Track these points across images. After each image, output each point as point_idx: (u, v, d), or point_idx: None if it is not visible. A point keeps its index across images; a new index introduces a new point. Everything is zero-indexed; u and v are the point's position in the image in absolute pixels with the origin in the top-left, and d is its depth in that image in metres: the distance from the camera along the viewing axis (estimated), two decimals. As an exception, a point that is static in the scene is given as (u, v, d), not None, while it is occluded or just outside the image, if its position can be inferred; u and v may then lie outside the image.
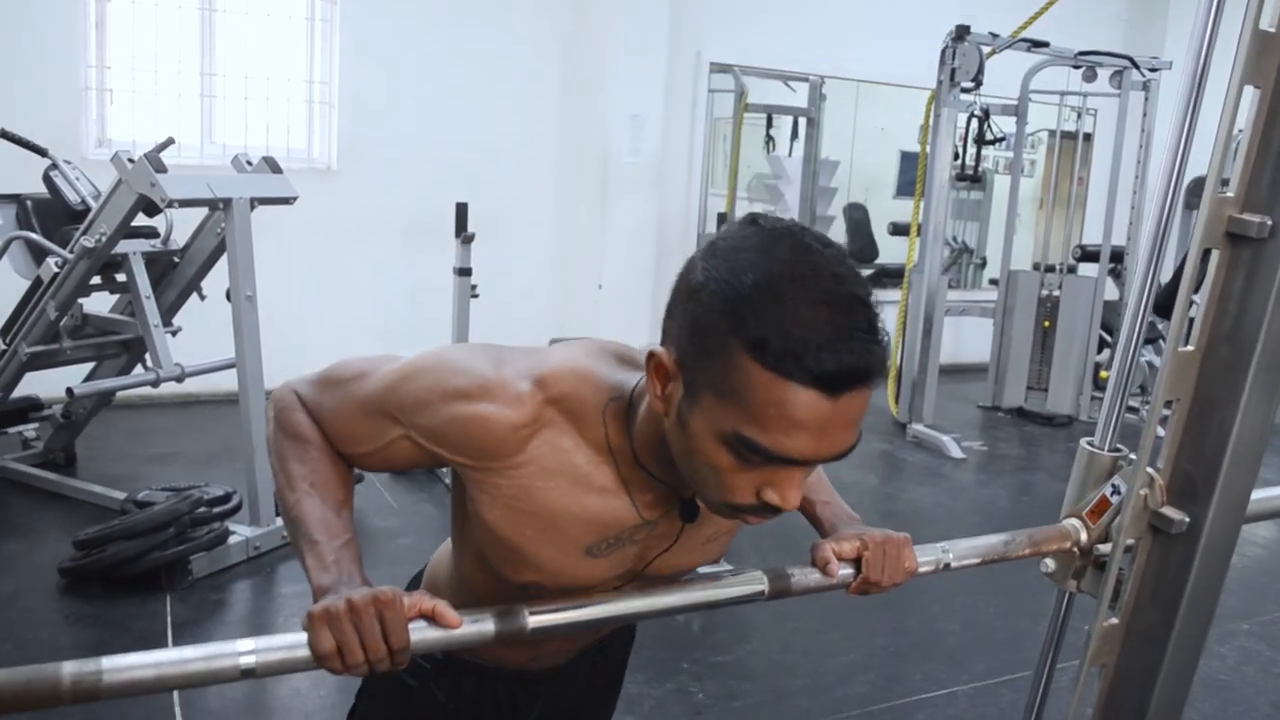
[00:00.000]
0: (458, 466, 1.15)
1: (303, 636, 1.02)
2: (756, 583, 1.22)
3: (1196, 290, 1.32)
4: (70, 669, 0.94)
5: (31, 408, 4.56)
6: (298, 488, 1.16)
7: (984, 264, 8.92)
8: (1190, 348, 1.35)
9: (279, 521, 3.87)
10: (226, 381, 4.40)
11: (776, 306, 0.94)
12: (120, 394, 4.96)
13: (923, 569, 1.33)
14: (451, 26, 6.18)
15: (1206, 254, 1.32)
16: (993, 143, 6.73)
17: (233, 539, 3.72)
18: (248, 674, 0.99)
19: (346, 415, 1.19)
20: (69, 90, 5.42)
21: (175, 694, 2.89)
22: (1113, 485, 1.43)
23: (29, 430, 4.68)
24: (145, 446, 5.06)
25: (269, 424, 1.24)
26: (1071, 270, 6.91)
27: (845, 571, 1.26)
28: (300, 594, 3.46)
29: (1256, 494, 1.50)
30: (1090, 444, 1.48)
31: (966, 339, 7.96)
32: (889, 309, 7.28)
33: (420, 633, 1.05)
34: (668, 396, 1.04)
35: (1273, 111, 1.27)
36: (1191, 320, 1.34)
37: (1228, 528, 1.38)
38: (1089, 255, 6.84)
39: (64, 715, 2.61)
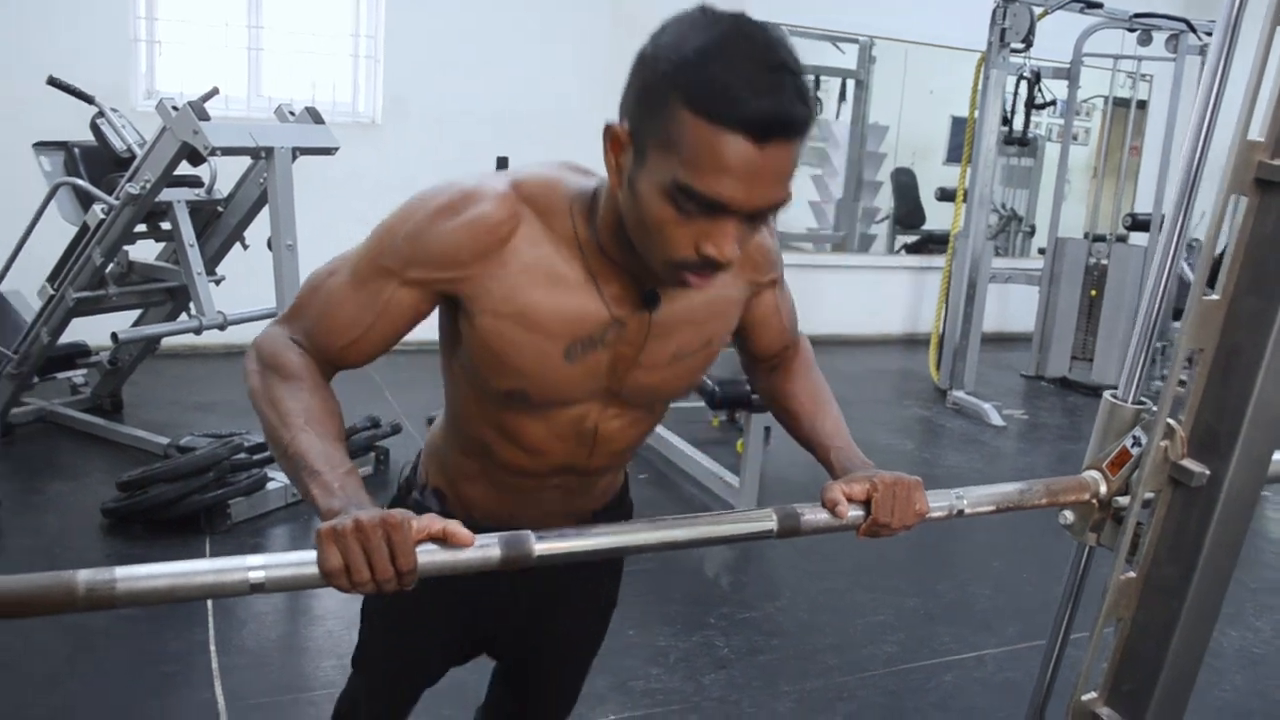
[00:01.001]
0: (452, 286, 1.22)
1: (311, 554, 1.04)
2: (766, 520, 1.22)
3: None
4: (85, 576, 0.97)
5: (80, 354, 4.64)
6: (292, 424, 1.16)
7: (1033, 232, 8.80)
8: (1215, 296, 1.33)
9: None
10: (269, 332, 4.46)
11: (714, 64, 1.04)
12: (166, 343, 5.04)
13: (935, 514, 1.33)
14: (497, -18, 6.17)
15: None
16: (1042, 107, 6.61)
17: (271, 485, 3.78)
18: (257, 588, 1.01)
19: (336, 302, 1.25)
20: (119, 42, 5.48)
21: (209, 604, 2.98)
22: (1133, 437, 1.42)
23: (77, 376, 4.77)
24: (189, 394, 5.14)
25: (252, 375, 1.23)
26: (1121, 239, 6.80)
27: (855, 513, 1.27)
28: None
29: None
30: (1113, 395, 1.47)
31: (1013, 307, 7.88)
32: (933, 275, 7.23)
33: (429, 555, 1.07)
34: (621, 167, 1.15)
35: (1307, 54, 1.24)
36: (1217, 267, 1.32)
37: (1249, 483, 1.36)
38: (1139, 224, 6.72)
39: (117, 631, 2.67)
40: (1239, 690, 3.02)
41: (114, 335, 3.91)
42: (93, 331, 4.54)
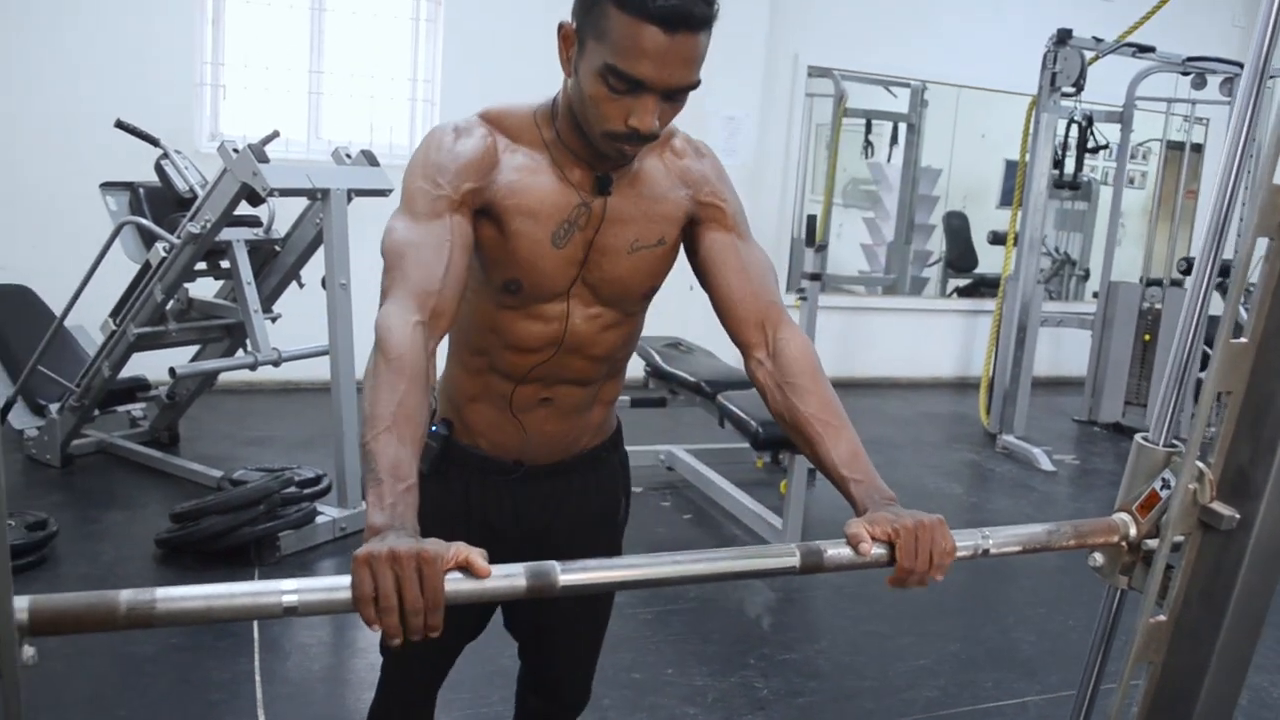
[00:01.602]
0: (483, 195, 1.49)
1: (344, 580, 1.07)
2: (789, 556, 1.24)
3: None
4: (127, 596, 1.01)
5: (139, 388, 4.76)
6: (379, 422, 1.25)
7: (1086, 276, 8.72)
8: (1244, 340, 1.33)
9: (364, 505, 3.99)
10: (322, 370, 4.55)
11: None
12: (222, 379, 5.16)
13: (961, 553, 1.34)
14: (551, 27, 6.26)
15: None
16: (1095, 150, 6.57)
17: (320, 519, 3.84)
18: (290, 611, 1.05)
19: (417, 245, 1.43)
20: (185, 86, 5.65)
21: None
22: (1163, 479, 1.41)
23: (136, 410, 4.89)
24: (244, 429, 5.25)
25: (370, 358, 1.35)
26: (1176, 284, 6.72)
27: (878, 551, 1.27)
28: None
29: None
30: (1144, 438, 1.47)
31: (1066, 352, 7.80)
32: (985, 318, 7.19)
33: (455, 584, 1.10)
34: (569, 58, 1.43)
35: (1333, 101, 1.25)
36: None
37: (1281, 526, 1.36)
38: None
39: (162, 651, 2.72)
40: (1290, 743, 2.96)
41: (172, 370, 4.02)
42: (152, 367, 4.66)
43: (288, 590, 1.05)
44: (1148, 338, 6.48)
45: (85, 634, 1.01)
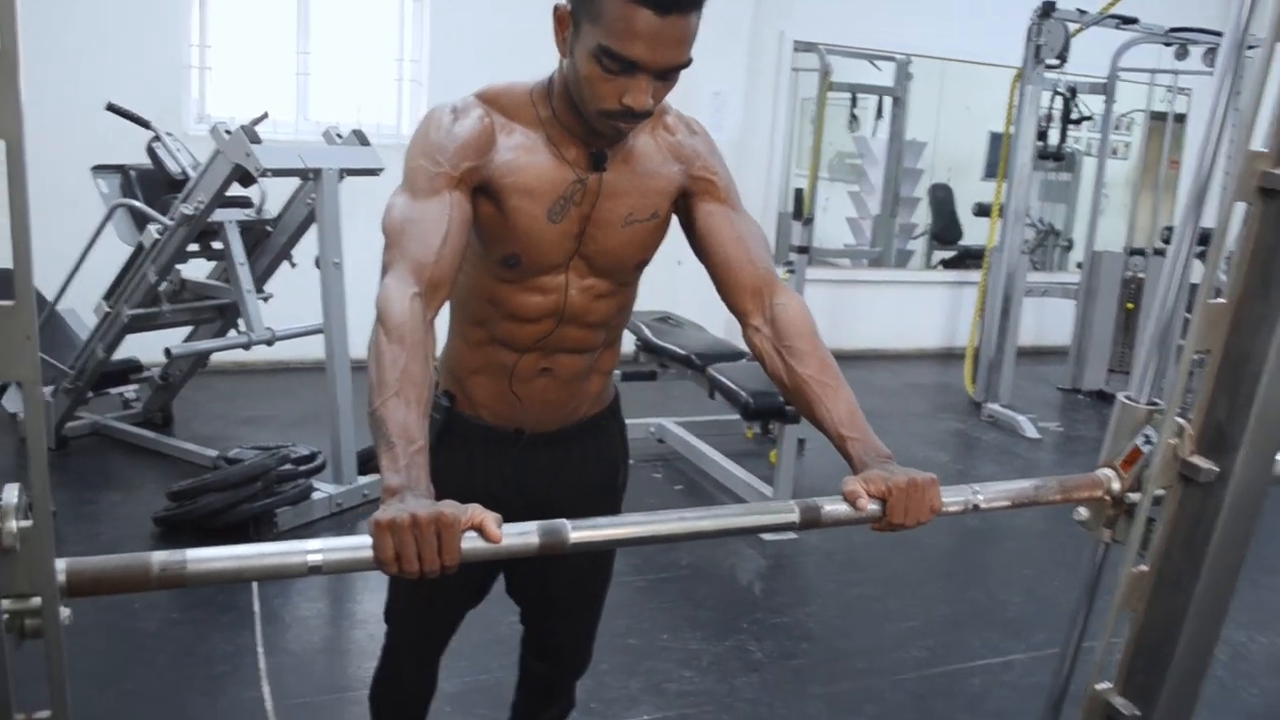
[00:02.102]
0: (481, 172, 1.53)
1: (364, 540, 1.12)
2: (789, 512, 1.30)
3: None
4: (159, 558, 1.06)
5: (132, 369, 4.79)
6: (386, 389, 1.30)
7: (1070, 246, 8.78)
8: (1222, 300, 1.38)
9: (360, 480, 4.04)
10: (314, 349, 4.58)
11: None
12: (214, 360, 5.18)
13: (952, 509, 1.40)
14: (541, 6, 6.26)
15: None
16: (1078, 122, 6.63)
17: (316, 495, 3.88)
18: (315, 570, 1.10)
19: (417, 219, 1.48)
20: (172, 68, 5.64)
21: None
22: (1145, 435, 1.48)
23: (129, 391, 4.91)
24: (237, 409, 5.28)
25: (372, 331, 1.39)
26: (1159, 253, 6.79)
27: (873, 507, 1.33)
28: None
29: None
30: (1127, 397, 1.53)
31: (1050, 321, 7.87)
32: (970, 290, 7.25)
33: (471, 543, 1.15)
34: (564, 40, 1.48)
35: (1304, 69, 1.30)
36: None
37: (1256, 479, 1.42)
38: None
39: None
40: (1267, 693, 3.04)
41: (167, 350, 4.05)
42: (145, 348, 4.68)
43: (313, 550, 1.10)
44: (1131, 306, 6.55)
45: (104, 600, 1.04)
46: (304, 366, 5.85)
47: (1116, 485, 1.49)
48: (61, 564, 1.01)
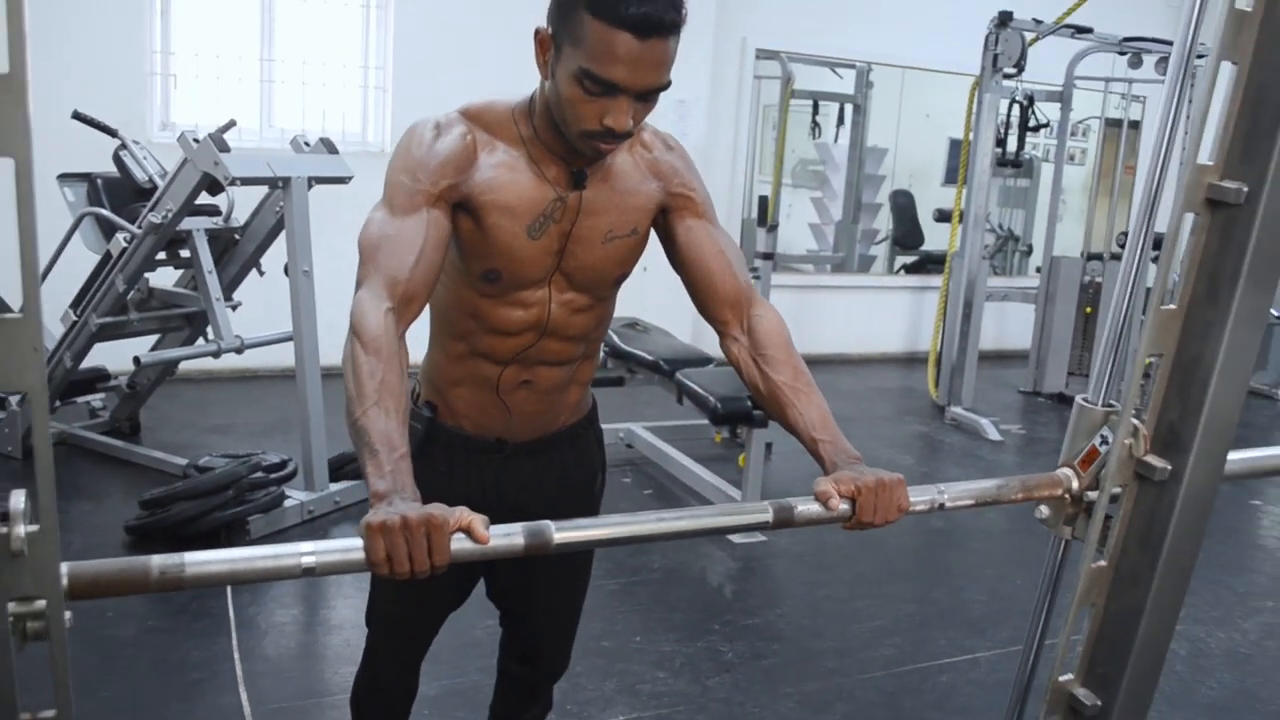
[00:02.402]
0: (460, 190, 1.56)
1: (356, 542, 1.16)
2: (763, 512, 1.34)
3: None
4: (158, 561, 1.09)
5: (99, 378, 4.78)
6: (365, 399, 1.34)
7: (1030, 251, 8.92)
8: (1173, 306, 1.45)
9: (332, 487, 4.05)
10: (282, 358, 4.59)
11: None
12: (181, 368, 5.18)
13: (919, 508, 1.45)
14: (504, 13, 6.31)
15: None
16: (1036, 129, 6.75)
17: (288, 502, 3.90)
18: (308, 572, 1.14)
19: (393, 235, 1.51)
20: (134, 75, 5.63)
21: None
22: (1101, 436, 1.54)
23: (96, 400, 4.90)
24: (205, 418, 5.27)
25: (346, 343, 1.43)
26: (1116, 258, 6.92)
27: (843, 506, 1.38)
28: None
29: (1239, 454, 1.61)
30: (1085, 399, 1.59)
31: (1010, 326, 7.99)
32: (932, 294, 7.35)
33: (459, 544, 1.19)
34: (546, 62, 1.51)
35: (1249, 86, 1.36)
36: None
37: (1208, 476, 1.48)
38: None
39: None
40: (1226, 688, 3.13)
41: (137, 359, 4.04)
42: (111, 357, 4.67)
43: (306, 552, 1.14)
44: (1089, 310, 6.68)
45: (79, 607, 1.06)
46: (271, 374, 5.86)
47: (1075, 484, 1.55)
48: (63, 568, 1.04)
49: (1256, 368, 7.37)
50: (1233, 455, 1.62)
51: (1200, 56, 6.44)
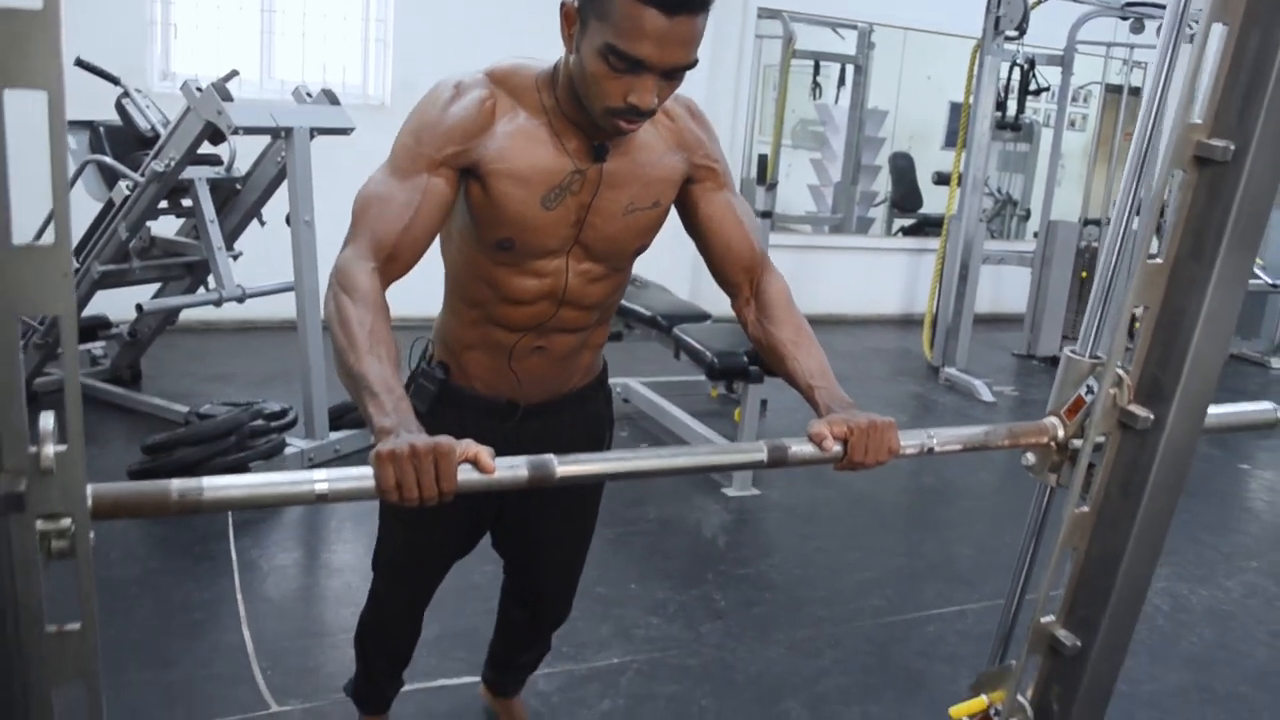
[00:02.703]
0: (466, 162, 1.55)
1: (367, 470, 1.21)
2: (757, 451, 1.39)
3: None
4: (178, 485, 1.13)
5: (101, 326, 4.81)
6: (358, 347, 1.37)
7: (1028, 216, 8.96)
8: (1159, 261, 1.49)
9: (333, 435, 4.10)
10: (281, 309, 4.62)
11: None
12: (181, 319, 5.21)
13: (909, 450, 1.50)
14: (504, -33, 6.31)
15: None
16: (1037, 93, 6.76)
17: (289, 450, 3.95)
18: (321, 498, 1.18)
19: (387, 197, 1.52)
20: (135, 24, 5.62)
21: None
22: (1087, 386, 1.58)
23: (97, 348, 4.94)
24: (205, 367, 5.31)
25: (329, 301, 1.45)
26: (1112, 222, 6.94)
27: (836, 447, 1.43)
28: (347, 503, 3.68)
29: (1219, 408, 1.67)
30: (1073, 351, 1.64)
31: (1007, 289, 8.04)
32: (929, 257, 7.39)
33: (466, 474, 1.24)
34: (571, 36, 1.49)
35: (1239, 47, 1.40)
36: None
37: (1188, 426, 1.53)
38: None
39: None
40: (1206, 642, 3.20)
41: (139, 306, 4.08)
42: (112, 306, 4.70)
43: (319, 479, 1.18)
44: (1085, 275, 6.72)
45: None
46: (270, 325, 5.89)
47: (1061, 432, 1.60)
48: (87, 489, 1.09)
49: (1250, 335, 7.45)
50: (1213, 409, 1.67)
51: (1194, 20, 6.46)
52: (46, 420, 1.00)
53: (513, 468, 1.26)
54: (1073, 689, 1.68)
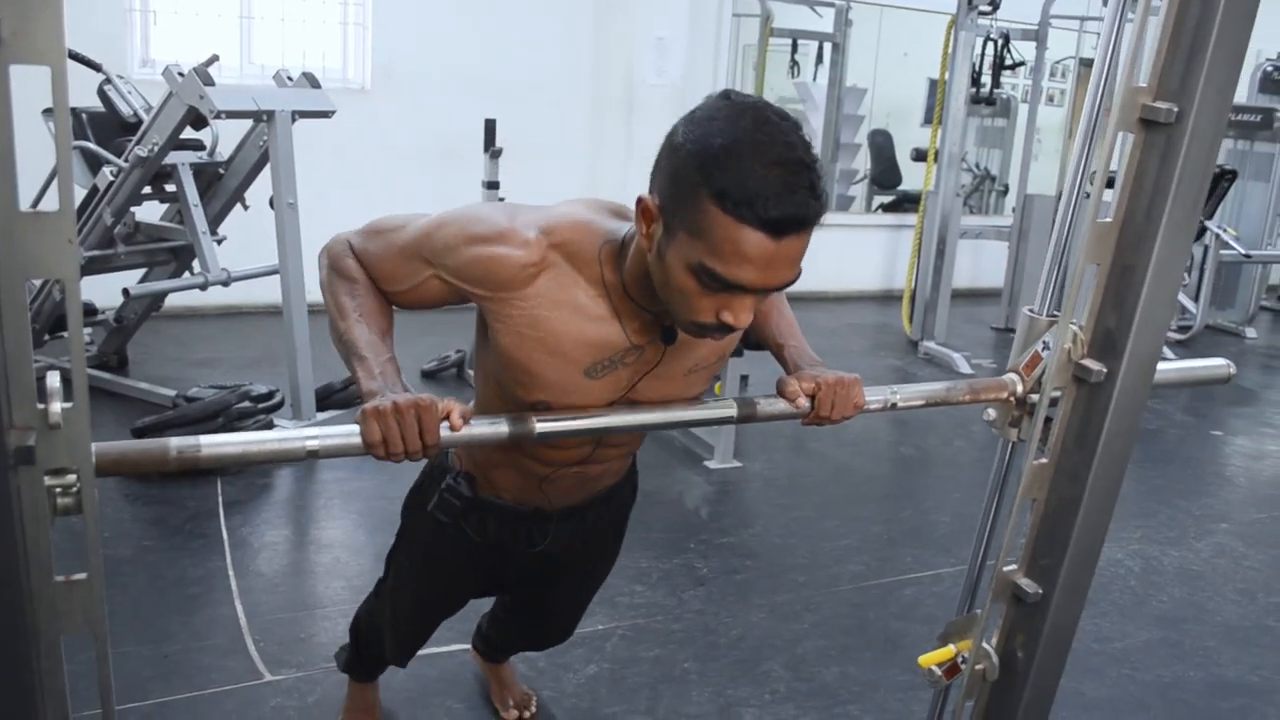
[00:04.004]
0: (478, 299, 1.42)
1: (354, 428, 1.27)
2: (728, 408, 1.46)
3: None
4: (176, 443, 1.19)
5: (86, 312, 4.84)
6: (348, 316, 1.43)
7: (1006, 191, 9.04)
8: (1109, 220, 1.56)
9: (319, 416, 4.16)
10: (266, 294, 4.67)
11: (738, 164, 1.20)
12: (166, 305, 5.25)
13: (872, 406, 1.57)
14: (482, -50, 6.34)
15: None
16: (1012, 68, 6.83)
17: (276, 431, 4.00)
18: (311, 455, 1.24)
19: (387, 259, 1.47)
20: (114, 10, 5.64)
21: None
22: (1044, 342, 1.66)
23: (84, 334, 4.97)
24: (191, 352, 5.35)
25: (322, 269, 1.50)
26: (1087, 196, 7.01)
27: (804, 403, 1.50)
28: (337, 480, 3.75)
29: (1170, 364, 1.74)
30: (1030, 310, 1.71)
31: (985, 264, 8.12)
32: (909, 233, 7.46)
33: (448, 433, 1.30)
34: (651, 234, 1.30)
35: (1180, 13, 1.47)
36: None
37: (1140, 379, 1.60)
38: (1109, 182, 6.95)
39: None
40: (1176, 601, 3.29)
41: (125, 290, 4.13)
42: (97, 292, 4.73)
43: (310, 437, 1.24)
44: (1060, 248, 6.79)
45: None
46: (255, 310, 5.93)
47: (1020, 387, 1.67)
48: (91, 445, 1.15)
49: (1225, 305, 7.53)
50: (1169, 366, 1.75)
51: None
52: (53, 378, 1.06)
53: (493, 424, 1.32)
54: (1036, 635, 1.76)
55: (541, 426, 1.34)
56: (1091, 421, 1.63)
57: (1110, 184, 1.60)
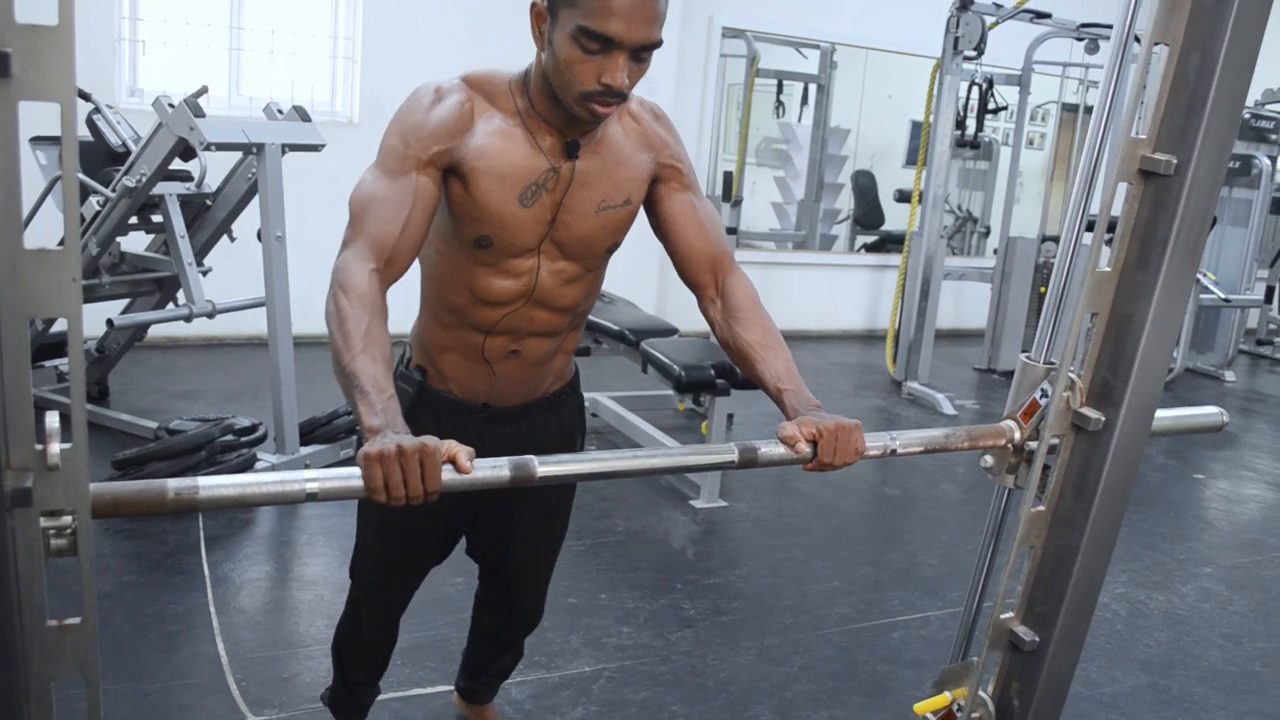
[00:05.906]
0: (451, 162, 1.62)
1: (356, 471, 1.26)
2: (728, 453, 1.45)
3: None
4: (174, 485, 1.17)
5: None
6: (353, 347, 1.43)
7: (988, 232, 9.12)
8: (1108, 269, 1.57)
9: (303, 450, 4.12)
10: (249, 325, 4.63)
11: None
12: (148, 335, 5.21)
13: (872, 451, 1.56)
14: (472, -13, 6.37)
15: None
16: (995, 111, 6.91)
17: (259, 465, 3.96)
18: (311, 497, 1.23)
19: (382, 198, 1.59)
20: (103, 40, 5.63)
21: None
22: (1042, 390, 1.66)
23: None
24: (173, 383, 5.31)
25: (327, 299, 1.51)
26: (1070, 239, 7.08)
27: (806, 449, 1.49)
28: (319, 515, 3.71)
29: (1166, 412, 1.75)
30: (1028, 357, 1.71)
31: (968, 305, 8.17)
32: (892, 273, 7.50)
33: (450, 474, 1.29)
34: (542, 33, 1.57)
35: (1180, 67, 1.48)
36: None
37: (1138, 428, 1.61)
38: (1088, 225, 7.02)
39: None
40: (1163, 646, 3.29)
41: (110, 321, 4.09)
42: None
43: (310, 479, 1.23)
44: (1044, 290, 6.85)
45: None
46: (238, 342, 5.90)
47: (1018, 434, 1.67)
48: (89, 489, 1.13)
49: (1204, 349, 7.59)
50: (1163, 413, 1.75)
51: (1138, 40, 6.64)
52: (52, 419, 1.04)
53: (495, 468, 1.31)
54: (1032, 683, 1.75)
55: (544, 470, 1.33)
56: (1090, 470, 1.63)
57: (1110, 230, 1.61)
